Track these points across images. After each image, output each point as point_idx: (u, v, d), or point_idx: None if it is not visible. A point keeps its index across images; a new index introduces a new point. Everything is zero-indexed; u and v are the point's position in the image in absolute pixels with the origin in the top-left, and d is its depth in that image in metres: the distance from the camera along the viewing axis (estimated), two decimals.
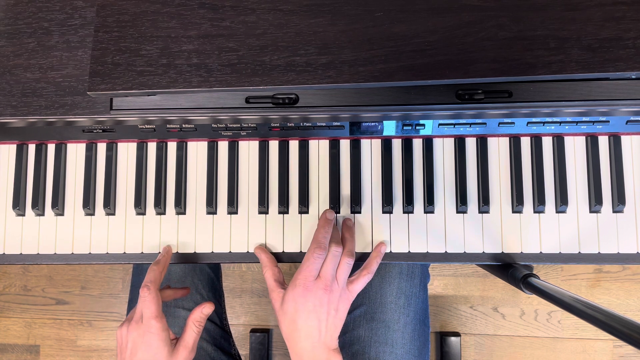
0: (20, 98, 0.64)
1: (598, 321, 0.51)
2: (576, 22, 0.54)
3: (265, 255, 0.68)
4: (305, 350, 0.62)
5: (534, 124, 0.66)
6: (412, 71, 0.54)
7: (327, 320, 0.62)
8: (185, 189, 0.71)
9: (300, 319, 0.61)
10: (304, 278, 0.62)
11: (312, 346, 0.61)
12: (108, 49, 0.58)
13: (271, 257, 0.69)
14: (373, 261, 0.67)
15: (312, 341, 0.61)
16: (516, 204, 0.68)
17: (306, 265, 0.63)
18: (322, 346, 0.62)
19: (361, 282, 0.65)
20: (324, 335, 0.62)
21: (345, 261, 0.64)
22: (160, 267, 0.66)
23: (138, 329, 0.63)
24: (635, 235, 0.67)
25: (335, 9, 0.57)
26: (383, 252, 0.68)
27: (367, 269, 0.66)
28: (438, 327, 1.40)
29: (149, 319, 0.62)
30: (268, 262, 0.68)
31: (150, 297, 0.63)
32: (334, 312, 0.62)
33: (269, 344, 1.40)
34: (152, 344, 0.62)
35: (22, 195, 0.72)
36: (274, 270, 0.67)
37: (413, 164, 0.70)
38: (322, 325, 0.62)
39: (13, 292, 1.50)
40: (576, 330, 1.37)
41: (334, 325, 0.63)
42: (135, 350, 0.62)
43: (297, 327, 0.62)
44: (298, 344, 0.62)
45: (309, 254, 0.63)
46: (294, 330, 0.62)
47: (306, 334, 0.61)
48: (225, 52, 0.57)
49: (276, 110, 0.62)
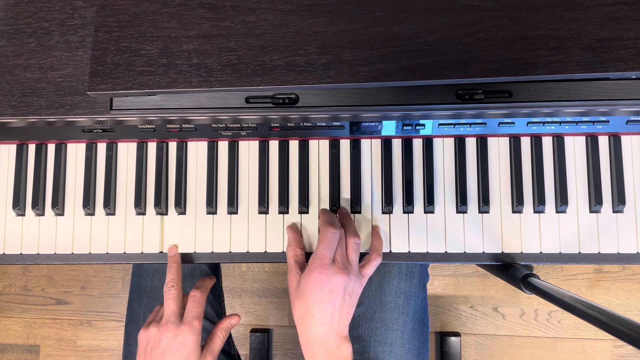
0: (20, 98, 0.64)
1: (598, 321, 0.51)
2: (576, 22, 0.54)
3: (293, 235, 0.68)
4: (316, 336, 0.61)
5: (534, 124, 0.66)
6: (412, 71, 0.55)
7: (342, 306, 0.61)
8: (185, 189, 0.71)
9: (315, 304, 0.61)
10: (320, 260, 0.62)
11: (324, 332, 0.61)
12: (108, 49, 0.58)
13: (298, 238, 0.68)
14: (377, 242, 0.67)
15: (324, 327, 0.61)
16: (516, 204, 0.68)
17: (322, 246, 0.62)
18: (334, 332, 0.61)
19: (372, 265, 0.66)
20: (337, 322, 0.61)
21: (353, 241, 0.64)
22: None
23: (173, 330, 0.63)
24: (635, 235, 0.67)
25: (335, 9, 0.57)
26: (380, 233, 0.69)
27: (376, 251, 0.67)
28: (438, 327, 1.40)
29: (194, 319, 0.64)
30: (293, 242, 0.67)
31: (201, 300, 0.66)
32: (348, 298, 0.62)
33: (269, 344, 1.40)
34: (187, 345, 0.62)
35: (22, 195, 0.72)
36: (297, 252, 0.67)
37: (413, 164, 0.70)
38: (336, 312, 0.61)
39: (13, 292, 1.50)
40: (576, 330, 1.37)
41: (347, 312, 0.62)
42: (167, 351, 0.62)
43: (311, 312, 0.61)
44: (310, 328, 0.62)
45: (322, 233, 0.63)
46: (307, 315, 0.62)
47: (320, 319, 0.61)
48: (225, 52, 0.57)
49: (276, 110, 0.62)
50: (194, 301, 0.65)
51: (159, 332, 0.63)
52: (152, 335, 0.64)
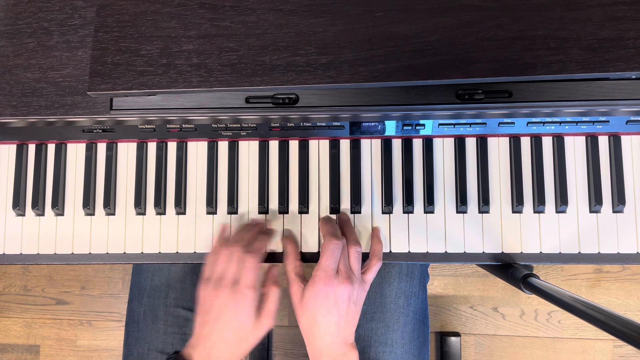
0: (20, 98, 0.64)
1: (598, 321, 0.51)
2: (576, 22, 0.54)
3: (291, 247, 0.68)
4: (324, 346, 0.62)
5: (534, 124, 0.66)
6: (412, 71, 0.54)
7: (347, 314, 0.62)
8: (185, 189, 0.71)
9: (321, 315, 0.61)
10: (324, 272, 0.61)
11: (331, 341, 0.61)
12: (108, 49, 0.58)
13: (295, 249, 0.68)
14: (377, 246, 0.67)
15: (331, 337, 0.61)
16: (516, 204, 0.68)
17: (325, 258, 0.62)
18: (341, 341, 0.62)
19: (373, 270, 0.66)
20: (343, 330, 0.62)
21: (355, 249, 0.64)
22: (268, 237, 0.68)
23: (230, 295, 0.61)
24: (635, 235, 0.67)
25: (335, 9, 0.57)
26: (380, 236, 0.69)
27: (376, 256, 0.67)
28: (438, 327, 1.40)
29: (247, 287, 0.61)
30: (292, 254, 0.67)
31: (254, 266, 0.62)
32: (353, 306, 0.62)
33: (269, 344, 1.40)
34: (241, 312, 0.61)
35: (22, 195, 0.72)
36: (296, 264, 0.66)
37: (413, 164, 0.70)
38: (342, 321, 0.61)
39: (13, 292, 1.50)
40: (576, 330, 1.37)
41: (353, 319, 0.63)
42: (221, 314, 0.61)
43: (317, 322, 0.61)
44: (316, 339, 0.62)
45: (325, 244, 0.63)
46: (313, 326, 0.62)
47: (326, 329, 0.61)
48: (225, 52, 0.57)
49: (276, 110, 0.62)
50: (247, 269, 0.62)
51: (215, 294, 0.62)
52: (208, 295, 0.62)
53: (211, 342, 0.61)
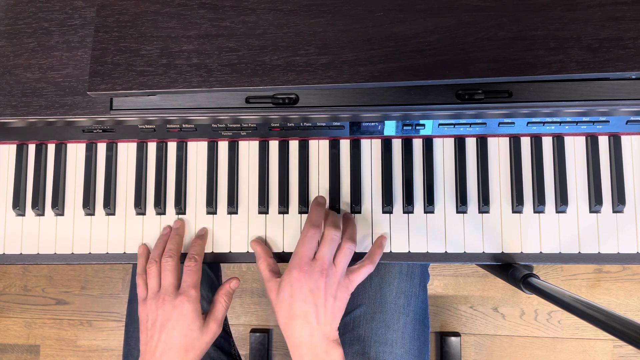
0: (20, 98, 0.64)
1: (598, 321, 0.51)
2: (576, 22, 0.54)
3: (260, 247, 0.68)
4: (303, 340, 0.60)
5: (534, 124, 0.66)
6: (412, 71, 0.54)
7: (325, 306, 0.60)
8: (185, 189, 0.71)
9: (296, 304, 0.60)
10: (299, 259, 0.61)
11: (309, 334, 0.59)
12: (108, 49, 0.58)
13: (266, 249, 0.68)
14: (375, 252, 0.66)
15: (310, 328, 0.59)
16: (516, 204, 0.68)
17: (300, 245, 0.62)
18: (321, 335, 0.60)
19: (363, 272, 0.64)
20: (322, 323, 0.60)
21: (347, 246, 0.63)
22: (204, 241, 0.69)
23: (170, 302, 0.62)
24: (635, 235, 0.67)
25: (335, 9, 0.57)
26: (384, 244, 0.68)
27: (370, 259, 0.65)
28: (438, 327, 1.40)
29: (189, 287, 0.62)
30: (262, 254, 0.67)
31: (196, 268, 0.64)
32: (331, 300, 0.60)
33: (269, 344, 1.40)
34: (186, 315, 0.61)
35: (22, 195, 0.72)
36: (269, 261, 0.66)
37: (413, 164, 0.70)
38: (320, 312, 0.60)
39: (13, 292, 1.50)
40: (576, 330, 1.37)
41: (332, 314, 0.60)
42: (166, 322, 0.61)
43: (293, 313, 0.60)
44: (295, 332, 0.60)
45: (302, 233, 0.63)
46: (290, 318, 0.60)
47: (303, 320, 0.59)
48: (225, 52, 0.57)
49: (276, 110, 0.62)
50: (189, 270, 0.64)
51: (157, 306, 0.62)
52: (151, 309, 0.63)
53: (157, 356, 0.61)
